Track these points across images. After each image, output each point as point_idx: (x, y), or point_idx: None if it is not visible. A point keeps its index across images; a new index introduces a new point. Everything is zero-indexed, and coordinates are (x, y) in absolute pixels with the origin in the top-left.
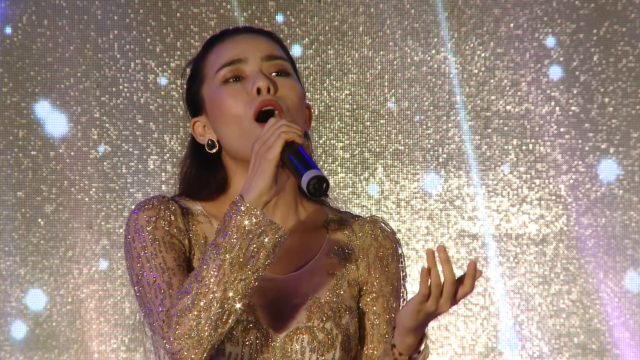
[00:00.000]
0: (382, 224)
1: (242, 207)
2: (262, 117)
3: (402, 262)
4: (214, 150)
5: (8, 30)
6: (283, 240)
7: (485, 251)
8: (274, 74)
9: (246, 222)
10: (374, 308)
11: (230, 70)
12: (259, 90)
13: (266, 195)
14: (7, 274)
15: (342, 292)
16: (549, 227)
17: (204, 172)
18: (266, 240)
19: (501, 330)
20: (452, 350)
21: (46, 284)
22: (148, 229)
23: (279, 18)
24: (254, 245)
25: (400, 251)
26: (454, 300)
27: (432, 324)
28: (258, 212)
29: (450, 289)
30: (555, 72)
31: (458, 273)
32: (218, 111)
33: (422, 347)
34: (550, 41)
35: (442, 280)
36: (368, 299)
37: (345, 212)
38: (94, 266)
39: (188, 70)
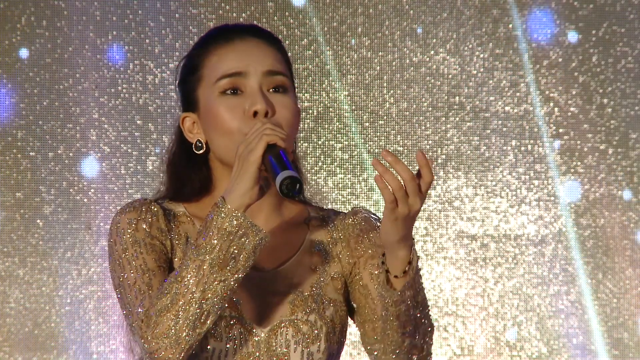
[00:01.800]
0: (364, 214)
1: (223, 209)
2: None
3: None
4: (202, 152)
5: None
6: (264, 243)
7: (484, 252)
8: (272, 90)
9: (227, 224)
10: (367, 286)
11: (229, 82)
12: (255, 113)
13: (248, 197)
14: (6, 274)
15: (325, 286)
16: (547, 228)
17: (188, 170)
18: (247, 242)
19: (500, 331)
20: (451, 351)
21: (45, 285)
22: (129, 231)
23: (278, 19)
24: (234, 247)
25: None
26: (422, 194)
27: None
28: (239, 214)
29: (413, 185)
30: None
31: (457, 273)
32: (212, 120)
33: (412, 256)
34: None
35: (401, 181)
36: (360, 281)
37: (328, 209)
38: (92, 267)
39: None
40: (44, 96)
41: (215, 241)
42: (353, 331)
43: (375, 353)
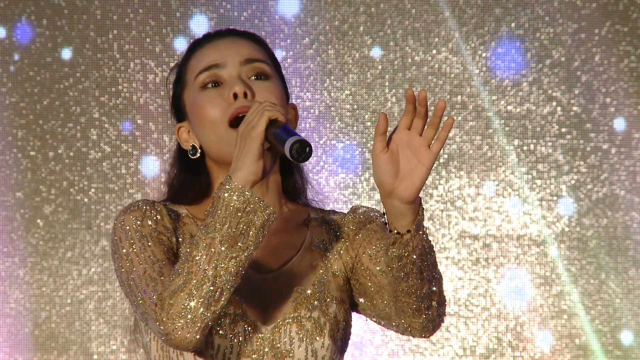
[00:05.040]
0: (363, 209)
1: (229, 186)
2: (237, 123)
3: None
4: (196, 156)
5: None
6: (272, 218)
7: (486, 252)
8: (253, 77)
9: (234, 201)
10: (367, 267)
11: (208, 75)
12: (235, 96)
13: (253, 174)
14: (6, 275)
15: (327, 284)
16: (550, 228)
17: (190, 177)
18: (255, 218)
19: (502, 332)
20: (453, 351)
21: (45, 285)
22: (134, 227)
23: (279, 17)
24: (243, 224)
25: (384, 219)
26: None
27: None
28: (246, 191)
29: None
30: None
31: (460, 274)
32: (197, 117)
33: (419, 208)
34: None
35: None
36: (361, 267)
37: (328, 210)
38: (93, 267)
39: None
40: (44, 95)
41: (224, 218)
42: (355, 331)
43: (391, 318)
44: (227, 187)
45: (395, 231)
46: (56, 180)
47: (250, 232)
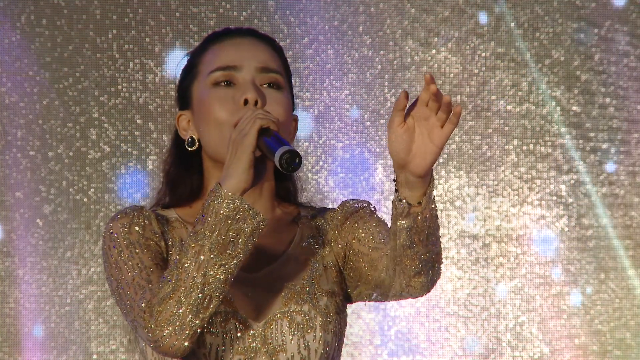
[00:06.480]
0: (352, 201)
1: (219, 193)
2: None
3: (375, 212)
4: (193, 148)
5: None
6: (262, 226)
7: (485, 252)
8: (265, 85)
9: (224, 208)
10: (359, 251)
11: (223, 74)
12: (246, 102)
13: (244, 182)
14: (5, 274)
15: (318, 277)
16: (550, 228)
17: (182, 172)
18: (245, 225)
19: (502, 332)
20: (453, 351)
21: (45, 285)
22: (122, 234)
23: (279, 17)
24: (232, 231)
25: (372, 208)
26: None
27: (432, 325)
28: (236, 198)
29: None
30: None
31: (459, 273)
32: (203, 112)
33: (431, 177)
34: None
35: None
36: (352, 252)
37: (320, 207)
38: (92, 267)
39: (186, 59)
40: (44, 95)
41: (214, 226)
42: (354, 332)
43: (386, 282)
44: (217, 194)
45: (405, 201)
46: (56, 180)
47: (240, 240)
